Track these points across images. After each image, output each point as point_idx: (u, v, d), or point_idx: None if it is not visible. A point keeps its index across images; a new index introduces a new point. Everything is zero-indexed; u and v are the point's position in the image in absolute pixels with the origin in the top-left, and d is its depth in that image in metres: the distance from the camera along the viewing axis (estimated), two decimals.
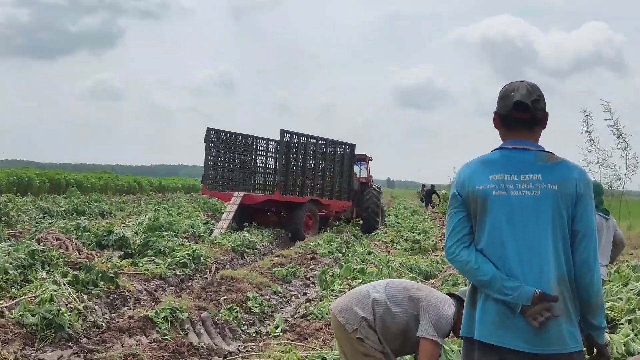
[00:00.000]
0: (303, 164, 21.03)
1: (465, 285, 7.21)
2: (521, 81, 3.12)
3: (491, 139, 3.32)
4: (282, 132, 19.99)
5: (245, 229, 18.48)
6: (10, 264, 8.75)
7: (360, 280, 10.18)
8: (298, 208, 20.37)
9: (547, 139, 3.17)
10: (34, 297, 7.31)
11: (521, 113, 3.04)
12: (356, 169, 24.86)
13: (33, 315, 6.71)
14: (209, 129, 20.69)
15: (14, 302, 7.17)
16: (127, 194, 42.98)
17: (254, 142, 23.09)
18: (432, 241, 17.83)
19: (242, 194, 20.08)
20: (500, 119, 3.13)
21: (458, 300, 4.56)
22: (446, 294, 4.75)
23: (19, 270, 8.83)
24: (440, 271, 12.74)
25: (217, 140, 21.23)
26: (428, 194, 43.09)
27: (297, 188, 20.82)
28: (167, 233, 14.23)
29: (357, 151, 24.02)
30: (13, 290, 7.93)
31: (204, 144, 20.68)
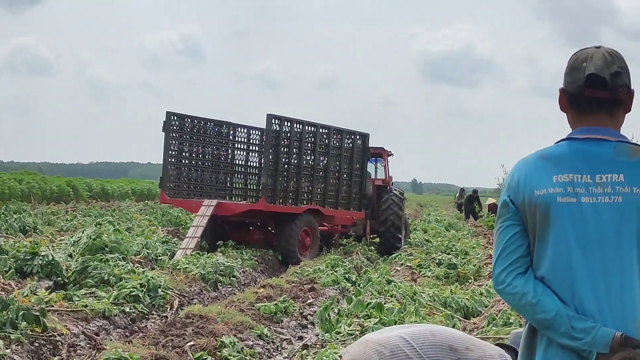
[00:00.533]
0: (298, 161, 20.87)
1: (520, 325, 7.18)
2: (597, 47, 3.07)
3: (555, 127, 3.31)
4: (269, 117, 19.90)
5: (218, 249, 18.46)
6: None
7: (377, 320, 10.17)
8: (291, 221, 20.29)
9: (629, 126, 3.16)
10: None
11: (597, 91, 3.00)
12: (370, 167, 24.82)
13: None
14: (169, 114, 20.66)
15: None
16: (57, 203, 42.94)
17: (231, 131, 23.07)
18: (475, 266, 17.83)
19: (214, 202, 19.97)
20: (569, 98, 3.09)
21: (514, 353, 4.54)
22: (496, 344, 4.74)
23: None
24: (486, 306, 12.72)
25: (180, 128, 21.21)
26: (469, 202, 43.13)
27: (290, 194, 20.70)
28: (112, 256, 14.20)
29: (372, 143, 23.91)
30: None
31: (163, 133, 20.60)
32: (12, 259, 12.87)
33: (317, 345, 9.69)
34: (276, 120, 20.07)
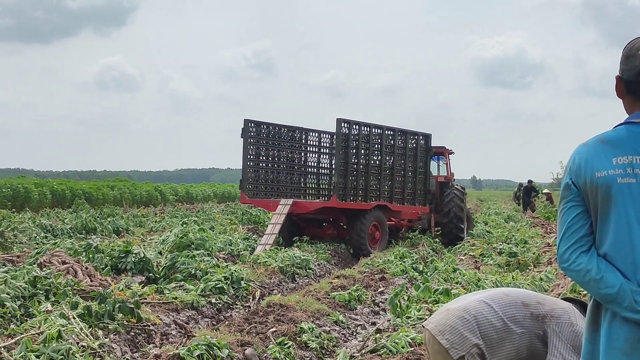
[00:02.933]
0: (366, 160, 20.88)
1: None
2: None
3: (604, 123, 3.24)
4: (339, 121, 19.80)
5: (295, 244, 18.55)
6: (8, 294, 8.88)
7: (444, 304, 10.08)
8: (361, 217, 20.29)
9: None
10: (38, 334, 7.39)
11: None
12: (433, 165, 24.75)
13: (37, 357, 6.77)
14: (246, 121, 20.94)
15: (13, 340, 7.25)
16: (147, 206, 43.48)
17: (303, 136, 23.21)
18: (534, 253, 17.59)
19: (290, 201, 20.11)
20: (625, 85, 3.04)
21: (582, 307, 4.48)
22: (563, 299, 4.68)
23: (19, 302, 8.97)
24: (546, 291, 12.55)
25: (257, 134, 21.42)
26: (527, 193, 42.67)
27: (360, 191, 20.63)
28: (198, 252, 14.32)
29: (433, 143, 23.83)
30: (12, 326, 8.02)
31: (242, 140, 20.91)
32: (107, 257, 13.05)
33: (389, 330, 9.62)
34: (345, 124, 19.99)
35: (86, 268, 11.52)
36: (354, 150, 20.38)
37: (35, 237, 19.38)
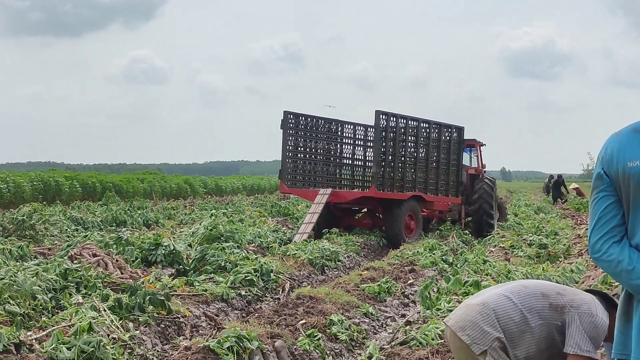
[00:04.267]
0: (403, 152, 21.26)
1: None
2: None
3: (633, 114, 3.19)
4: (378, 113, 20.15)
5: (324, 236, 18.56)
6: (39, 287, 8.95)
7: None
8: (398, 207, 20.67)
9: None
10: (69, 326, 7.44)
11: None
12: (465, 157, 24.87)
13: (69, 349, 6.80)
14: (286, 113, 21.38)
15: (44, 333, 7.30)
16: (176, 199, 43.69)
17: (339, 128, 23.52)
18: (564, 245, 17.50)
19: (329, 190, 20.61)
20: None
21: (604, 299, 4.45)
22: (585, 290, 4.65)
23: (50, 295, 9.05)
24: (577, 282, 12.48)
25: (295, 126, 21.80)
26: (555, 187, 43.20)
27: (397, 182, 20.99)
28: (227, 244, 14.37)
29: (464, 135, 24.07)
30: (43, 318, 8.10)
31: (281, 131, 21.32)
32: (138, 250, 13.14)
33: (419, 322, 9.60)
34: (384, 116, 20.34)
35: (116, 260, 11.59)
36: (392, 142, 20.70)
37: (66, 230, 19.53)
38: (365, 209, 22.51)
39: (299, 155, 22.20)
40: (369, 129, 23.40)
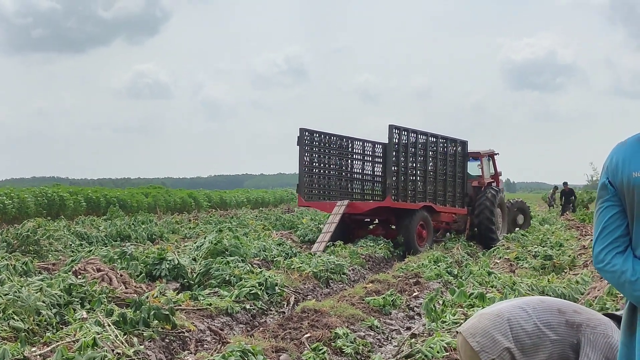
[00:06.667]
0: (414, 164, 22.24)
1: (617, 310, 6.99)
2: None
3: (636, 124, 3.18)
4: (391, 127, 21.11)
5: (328, 249, 18.70)
6: (43, 302, 8.96)
7: (480, 309, 10.00)
8: (410, 216, 21.55)
9: None
10: (73, 341, 7.45)
11: None
12: (475, 168, 25.51)
13: None
14: (302, 130, 22.06)
15: (49, 348, 7.31)
16: (181, 213, 43.75)
17: (350, 144, 24.25)
18: (570, 256, 17.45)
19: (346, 202, 21.49)
20: None
21: (619, 323, 4.43)
22: (604, 314, 4.62)
23: (54, 310, 9.06)
24: (582, 294, 12.44)
25: (310, 142, 22.51)
26: (566, 196, 42.13)
27: (409, 193, 21.90)
28: (232, 258, 14.33)
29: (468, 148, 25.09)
30: (48, 334, 8.10)
31: (297, 147, 22.02)
32: (142, 264, 13.14)
33: (425, 334, 9.57)
34: (396, 130, 21.37)
35: (121, 275, 11.60)
36: (404, 154, 21.67)
37: (71, 244, 19.55)
38: (377, 220, 23.45)
39: (314, 170, 22.94)
40: (376, 145, 24.50)
